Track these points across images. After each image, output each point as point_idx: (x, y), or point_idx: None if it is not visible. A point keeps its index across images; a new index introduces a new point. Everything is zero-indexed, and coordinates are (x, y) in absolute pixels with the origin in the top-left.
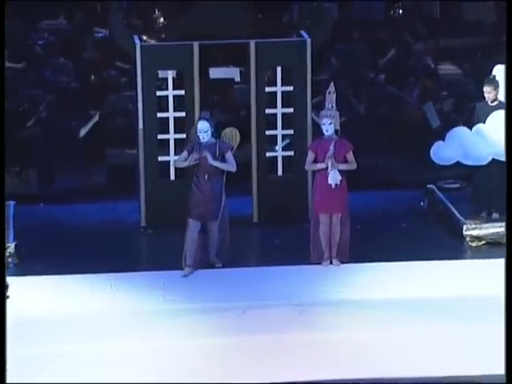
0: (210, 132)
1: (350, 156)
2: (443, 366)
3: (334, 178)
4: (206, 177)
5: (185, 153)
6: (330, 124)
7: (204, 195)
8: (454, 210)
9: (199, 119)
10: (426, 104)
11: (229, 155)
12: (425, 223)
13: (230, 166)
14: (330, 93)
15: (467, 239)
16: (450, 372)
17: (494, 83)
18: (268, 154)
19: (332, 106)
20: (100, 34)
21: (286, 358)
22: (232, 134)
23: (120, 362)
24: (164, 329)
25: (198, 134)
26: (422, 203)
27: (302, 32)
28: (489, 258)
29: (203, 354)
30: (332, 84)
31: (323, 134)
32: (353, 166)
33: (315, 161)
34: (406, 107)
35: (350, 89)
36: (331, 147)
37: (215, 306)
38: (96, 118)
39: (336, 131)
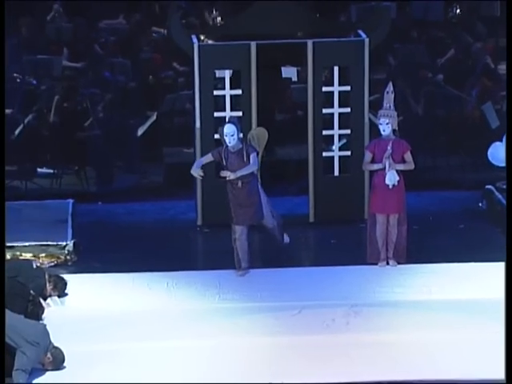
0: (236, 136)
1: (408, 156)
2: (501, 369)
3: (391, 178)
4: (240, 184)
5: (209, 156)
6: (388, 124)
7: (242, 201)
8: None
9: (227, 122)
10: (484, 104)
11: (253, 156)
12: (483, 224)
13: (252, 167)
14: (388, 92)
15: None
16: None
17: None
18: (325, 154)
19: (390, 106)
20: (158, 34)
21: (341, 358)
22: (259, 135)
23: (176, 360)
24: (220, 327)
25: (225, 137)
26: (480, 204)
27: (360, 31)
28: None
29: (259, 352)
30: (390, 84)
31: (380, 134)
32: (410, 166)
33: (372, 161)
34: (464, 107)
35: (408, 89)
36: (389, 147)
37: (271, 306)
38: (154, 118)
39: (393, 131)
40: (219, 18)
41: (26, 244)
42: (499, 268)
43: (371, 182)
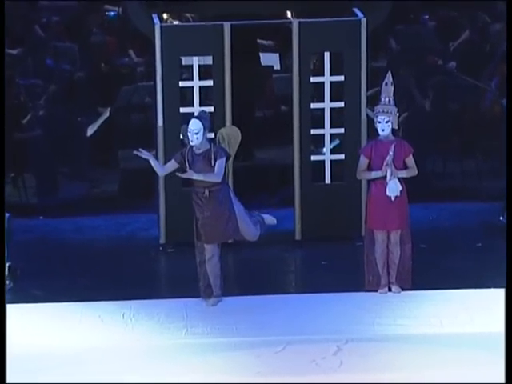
0: (201, 134)
1: (410, 160)
2: None
3: (393, 188)
4: (207, 192)
5: (172, 162)
6: (388, 122)
7: (210, 214)
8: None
9: (193, 117)
10: (506, 97)
11: (220, 162)
12: (504, 242)
13: (216, 176)
14: (387, 84)
15: None
16: None
17: None
18: (314, 158)
19: (389, 101)
20: (112, 13)
21: None
22: (230, 135)
23: None
24: (187, 367)
25: (188, 134)
26: (501, 218)
27: (356, 10)
28: None
29: None
30: (389, 74)
31: (378, 134)
32: (413, 172)
33: (369, 167)
34: (481, 101)
35: (414, 79)
36: (390, 152)
37: (250, 341)
38: (106, 114)
39: (393, 130)
40: None
41: None
42: None
43: (368, 192)
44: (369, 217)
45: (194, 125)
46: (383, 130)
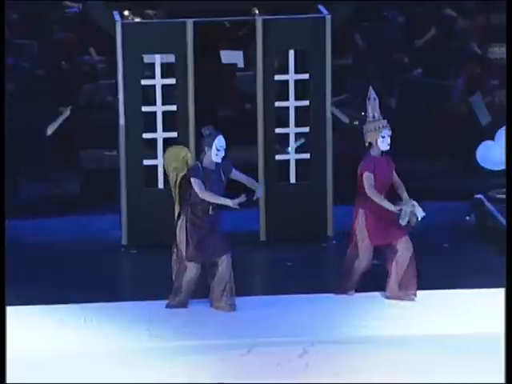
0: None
1: (396, 177)
2: None
3: (406, 218)
4: (211, 210)
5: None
6: (389, 136)
7: (208, 233)
8: (507, 225)
9: (213, 134)
10: (472, 96)
11: (236, 173)
12: (471, 242)
13: (252, 183)
14: (370, 99)
15: None
16: None
17: None
18: (278, 157)
19: (378, 115)
20: (73, 10)
21: None
22: (180, 156)
23: None
24: (150, 372)
25: (217, 152)
26: (467, 217)
27: (321, 7)
28: None
29: None
30: (371, 89)
31: (367, 150)
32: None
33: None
34: (447, 100)
35: (379, 78)
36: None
37: (214, 344)
38: (67, 113)
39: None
40: None
41: None
42: (493, 295)
43: (363, 207)
44: (370, 233)
45: (222, 141)
46: (389, 145)
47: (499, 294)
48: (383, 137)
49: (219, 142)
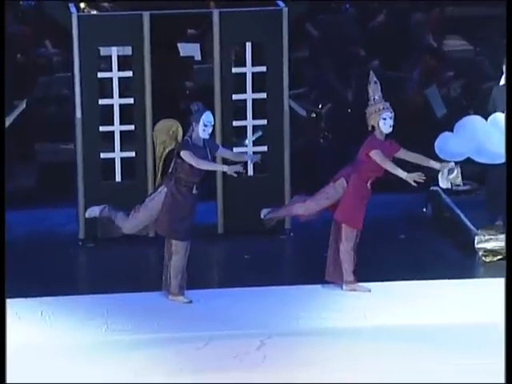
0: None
1: (410, 153)
2: None
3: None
4: (195, 189)
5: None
6: (391, 118)
7: (188, 210)
8: (463, 217)
9: (201, 109)
10: (428, 88)
11: (223, 151)
12: (428, 234)
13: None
14: (370, 83)
15: (480, 253)
16: None
17: None
18: (236, 150)
19: (379, 97)
20: (27, 2)
21: None
22: (170, 130)
23: None
24: (107, 365)
25: (204, 128)
26: (424, 209)
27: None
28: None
29: None
30: (372, 73)
31: (370, 133)
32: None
33: (372, 170)
34: (403, 92)
35: (335, 71)
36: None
37: (171, 337)
38: (22, 106)
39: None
40: None
41: None
42: (448, 286)
43: (351, 188)
44: (355, 217)
45: (210, 117)
46: (391, 127)
47: (454, 284)
48: (384, 119)
49: (207, 117)
